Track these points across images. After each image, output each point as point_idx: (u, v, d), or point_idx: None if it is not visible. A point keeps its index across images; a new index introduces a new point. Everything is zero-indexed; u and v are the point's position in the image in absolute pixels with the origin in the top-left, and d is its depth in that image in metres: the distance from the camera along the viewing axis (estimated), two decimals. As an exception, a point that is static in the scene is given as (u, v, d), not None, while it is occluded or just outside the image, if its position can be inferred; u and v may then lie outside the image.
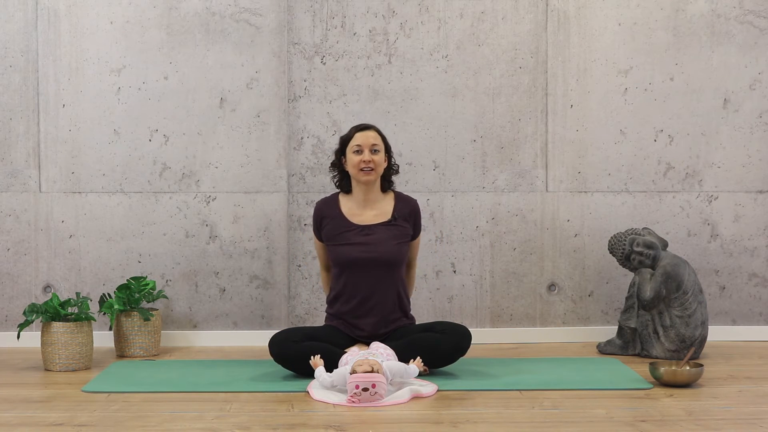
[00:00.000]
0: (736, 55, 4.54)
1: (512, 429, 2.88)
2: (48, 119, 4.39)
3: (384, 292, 3.75)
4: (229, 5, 4.41)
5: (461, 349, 3.61)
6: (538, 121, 4.50)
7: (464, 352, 3.63)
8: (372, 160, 3.72)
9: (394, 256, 3.75)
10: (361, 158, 3.72)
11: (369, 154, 3.72)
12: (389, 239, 3.76)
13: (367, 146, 3.73)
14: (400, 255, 3.78)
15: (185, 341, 4.43)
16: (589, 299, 4.54)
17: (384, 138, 3.82)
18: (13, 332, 4.25)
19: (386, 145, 3.82)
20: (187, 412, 3.09)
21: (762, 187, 4.58)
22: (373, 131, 3.78)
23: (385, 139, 3.82)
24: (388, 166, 3.84)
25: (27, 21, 4.37)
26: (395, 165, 3.90)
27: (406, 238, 3.81)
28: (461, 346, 3.60)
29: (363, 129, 3.79)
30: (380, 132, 3.82)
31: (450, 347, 3.58)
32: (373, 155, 3.73)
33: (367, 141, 3.73)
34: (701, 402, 3.23)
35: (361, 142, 3.73)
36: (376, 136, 3.77)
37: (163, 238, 4.43)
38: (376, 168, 3.74)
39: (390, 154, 3.84)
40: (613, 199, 4.53)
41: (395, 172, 3.90)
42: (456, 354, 3.61)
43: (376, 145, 3.74)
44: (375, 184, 3.80)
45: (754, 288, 4.58)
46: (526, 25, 4.49)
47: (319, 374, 3.38)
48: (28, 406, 3.21)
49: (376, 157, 3.74)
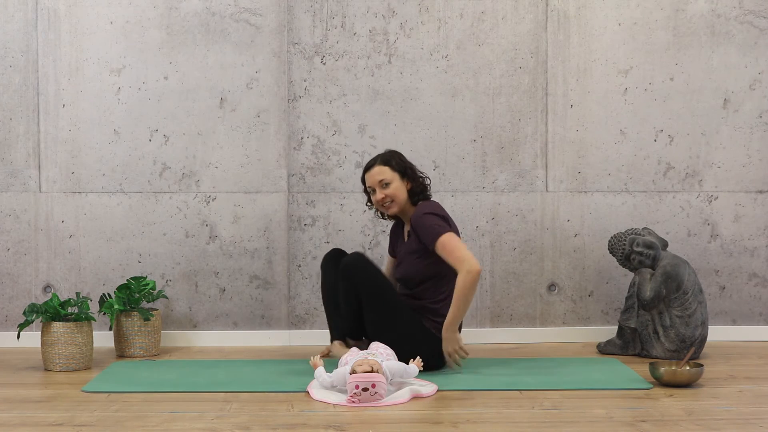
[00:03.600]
0: (736, 55, 4.54)
1: (512, 429, 2.88)
2: (48, 119, 4.39)
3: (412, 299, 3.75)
4: (229, 5, 4.41)
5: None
6: (538, 121, 4.50)
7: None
8: (385, 195, 3.75)
9: (408, 272, 3.76)
10: (375, 198, 3.78)
11: (381, 191, 3.75)
12: (406, 256, 3.78)
13: (376, 185, 3.76)
14: (414, 271, 3.73)
15: (185, 341, 4.43)
16: (589, 299, 4.54)
17: (394, 165, 3.76)
18: (13, 332, 4.25)
19: (402, 171, 3.77)
20: (187, 412, 3.09)
21: (762, 187, 4.58)
22: (378, 167, 3.76)
23: (396, 165, 3.77)
24: (413, 185, 3.79)
25: (27, 21, 4.37)
26: (421, 179, 3.82)
27: (419, 252, 3.72)
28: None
29: (369, 168, 3.80)
30: (390, 160, 3.77)
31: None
32: (384, 190, 3.74)
33: (374, 180, 3.76)
34: (701, 402, 3.23)
35: (370, 184, 3.78)
36: (381, 170, 3.75)
37: (163, 238, 4.43)
38: (394, 200, 3.76)
39: (410, 174, 3.78)
40: (613, 199, 4.53)
41: (424, 187, 3.82)
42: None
43: (384, 180, 3.74)
44: (406, 210, 3.81)
45: (754, 288, 4.58)
46: (526, 25, 4.49)
47: (318, 374, 3.38)
48: (28, 406, 3.21)
49: (388, 191, 3.74)
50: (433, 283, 3.71)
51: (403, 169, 3.78)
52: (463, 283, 3.54)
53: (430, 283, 3.71)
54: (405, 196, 3.77)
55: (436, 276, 3.69)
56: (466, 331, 4.47)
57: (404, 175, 3.78)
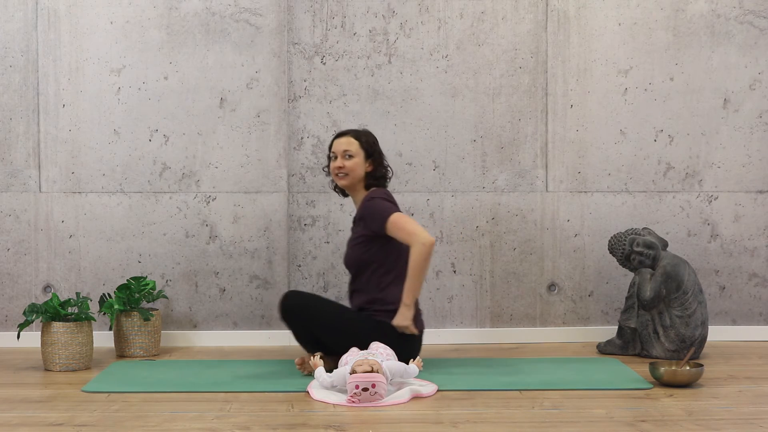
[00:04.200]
0: (736, 55, 4.54)
1: (512, 429, 2.88)
2: (48, 119, 4.39)
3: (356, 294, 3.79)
4: (229, 5, 4.41)
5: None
6: (538, 121, 4.50)
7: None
8: (344, 165, 3.74)
9: (349, 259, 3.79)
10: (334, 164, 3.77)
11: (341, 160, 3.75)
12: (350, 242, 3.82)
13: (339, 152, 3.76)
14: (355, 257, 3.75)
15: (185, 341, 4.43)
16: (589, 299, 4.54)
17: (364, 142, 3.77)
18: (13, 332, 4.25)
19: (368, 151, 3.78)
20: (187, 412, 3.09)
21: (762, 187, 4.58)
22: (348, 137, 3.78)
23: (365, 143, 3.77)
24: (375, 169, 3.80)
25: (27, 21, 4.37)
26: (385, 168, 3.83)
27: (362, 238, 3.74)
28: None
29: (339, 135, 3.82)
30: (361, 137, 3.78)
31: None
32: (345, 161, 3.74)
33: (340, 147, 3.76)
34: (701, 402, 3.23)
35: (335, 149, 3.78)
36: (350, 141, 3.76)
37: (163, 238, 4.43)
38: (349, 173, 3.74)
39: (375, 158, 3.79)
40: (613, 199, 4.53)
41: (383, 177, 3.83)
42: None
43: (348, 151, 3.75)
44: (356, 189, 3.80)
45: (754, 288, 4.58)
46: (526, 25, 4.49)
47: (318, 374, 3.37)
48: (28, 406, 3.21)
49: (349, 162, 3.74)
50: (374, 271, 3.71)
51: (370, 150, 3.79)
52: (416, 255, 3.56)
53: (371, 271, 3.72)
54: (361, 175, 3.77)
55: (375, 262, 3.71)
56: (466, 331, 4.48)
57: (369, 156, 3.78)
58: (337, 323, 3.62)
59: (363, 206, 3.73)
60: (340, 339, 3.59)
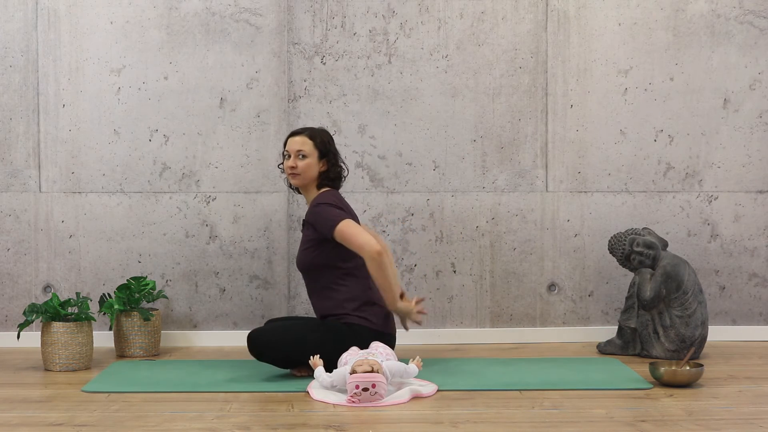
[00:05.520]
0: (736, 55, 4.54)
1: (512, 429, 2.88)
2: (48, 119, 4.39)
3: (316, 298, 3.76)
4: (229, 5, 4.41)
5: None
6: (538, 121, 4.50)
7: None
8: (296, 165, 3.72)
9: (302, 262, 3.76)
10: (287, 164, 3.75)
11: (294, 160, 3.73)
12: (301, 245, 3.78)
13: (293, 152, 3.74)
14: (308, 261, 3.72)
15: (185, 341, 4.43)
16: (589, 299, 4.54)
17: (318, 143, 3.74)
18: (13, 332, 4.25)
19: (322, 151, 3.75)
20: (187, 412, 3.09)
21: (762, 187, 4.58)
22: (303, 137, 3.75)
23: (320, 144, 3.74)
24: (328, 169, 3.77)
25: (27, 21, 4.37)
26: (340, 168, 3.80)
27: (313, 242, 3.70)
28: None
29: (294, 134, 3.79)
30: (316, 137, 3.75)
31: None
32: (298, 160, 3.72)
33: (294, 146, 3.74)
34: (701, 402, 3.23)
35: (289, 149, 3.76)
36: (304, 141, 3.74)
37: (163, 238, 4.43)
38: (302, 173, 3.73)
39: (330, 158, 3.76)
40: (613, 199, 4.53)
41: (338, 177, 3.80)
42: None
43: (302, 151, 3.72)
44: (309, 188, 3.78)
45: (754, 288, 4.58)
46: (526, 25, 4.49)
47: (318, 374, 3.37)
48: (28, 406, 3.21)
49: (302, 162, 3.72)
50: (330, 273, 3.69)
51: (325, 151, 3.76)
52: (371, 270, 3.58)
53: (327, 274, 3.69)
54: (314, 175, 3.75)
55: (328, 265, 3.68)
56: (467, 331, 4.48)
57: (324, 156, 3.76)
58: (309, 343, 3.54)
59: (310, 212, 3.70)
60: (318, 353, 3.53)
